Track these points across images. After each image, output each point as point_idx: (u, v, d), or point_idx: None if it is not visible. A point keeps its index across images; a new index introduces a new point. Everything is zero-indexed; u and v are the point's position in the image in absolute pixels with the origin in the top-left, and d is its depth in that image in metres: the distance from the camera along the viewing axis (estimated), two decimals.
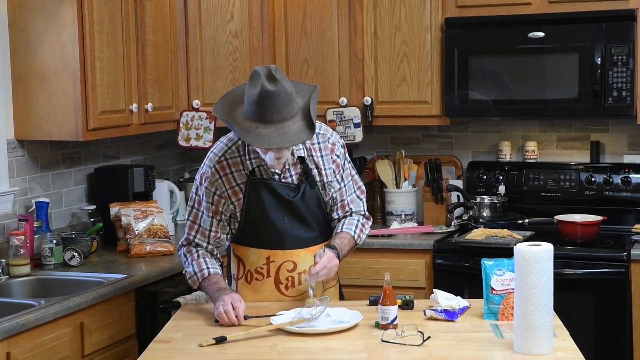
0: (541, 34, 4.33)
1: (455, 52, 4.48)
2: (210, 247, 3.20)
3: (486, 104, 4.46)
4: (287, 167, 3.13)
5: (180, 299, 3.55)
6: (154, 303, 3.67)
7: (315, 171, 3.17)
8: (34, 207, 4.00)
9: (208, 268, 3.14)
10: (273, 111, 2.90)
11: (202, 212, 3.17)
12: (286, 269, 3.16)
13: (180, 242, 3.25)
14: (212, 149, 3.20)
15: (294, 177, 3.15)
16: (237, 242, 3.23)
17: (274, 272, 3.17)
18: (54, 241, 3.88)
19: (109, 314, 3.49)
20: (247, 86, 2.96)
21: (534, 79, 4.38)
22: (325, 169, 3.18)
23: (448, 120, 4.62)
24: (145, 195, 4.46)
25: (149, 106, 4.32)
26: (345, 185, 3.25)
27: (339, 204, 3.25)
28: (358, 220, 3.27)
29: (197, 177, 3.19)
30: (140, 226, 4.13)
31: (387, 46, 4.63)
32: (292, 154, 3.12)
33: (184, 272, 3.22)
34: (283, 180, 3.14)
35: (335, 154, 3.21)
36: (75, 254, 3.89)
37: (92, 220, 4.28)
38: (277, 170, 3.12)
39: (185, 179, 5.11)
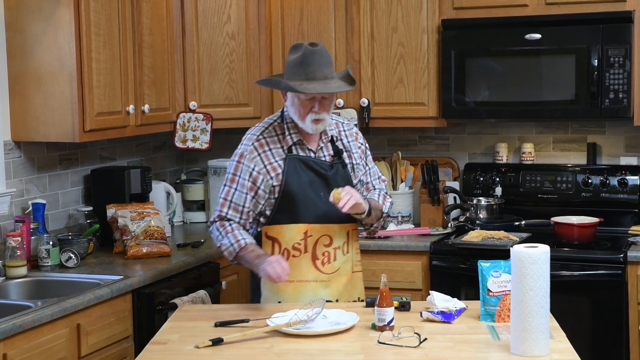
0: (538, 36, 4.33)
1: (452, 54, 4.48)
2: (242, 221, 3.28)
3: (483, 105, 4.46)
4: (320, 146, 3.31)
5: (176, 301, 3.55)
6: (151, 304, 3.66)
7: (345, 154, 3.36)
8: (30, 208, 3.99)
9: (244, 239, 3.23)
10: (317, 68, 3.14)
11: (235, 189, 3.27)
12: (323, 243, 3.28)
13: (211, 219, 3.33)
14: (248, 131, 3.36)
15: (327, 158, 3.33)
16: (271, 223, 3.30)
17: (312, 247, 3.28)
18: (51, 242, 3.87)
19: (105, 315, 3.48)
20: (289, 55, 3.25)
21: (531, 81, 4.38)
22: (353, 152, 3.38)
23: (445, 122, 4.63)
24: (142, 197, 4.45)
25: (146, 107, 4.31)
26: (370, 169, 3.46)
27: (364, 187, 3.42)
28: (379, 192, 3.44)
29: (235, 156, 3.31)
30: (136, 228, 4.13)
31: (384, 48, 4.64)
32: (326, 133, 3.32)
33: (218, 245, 3.29)
34: (318, 159, 3.30)
35: (359, 142, 3.47)
36: (71, 255, 3.88)
37: (88, 221, 4.27)
38: (312, 148, 3.28)
39: (182, 181, 5.10)
